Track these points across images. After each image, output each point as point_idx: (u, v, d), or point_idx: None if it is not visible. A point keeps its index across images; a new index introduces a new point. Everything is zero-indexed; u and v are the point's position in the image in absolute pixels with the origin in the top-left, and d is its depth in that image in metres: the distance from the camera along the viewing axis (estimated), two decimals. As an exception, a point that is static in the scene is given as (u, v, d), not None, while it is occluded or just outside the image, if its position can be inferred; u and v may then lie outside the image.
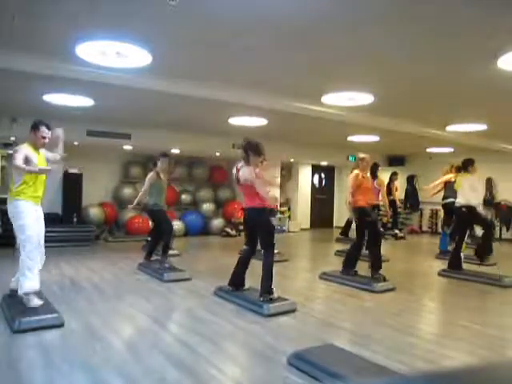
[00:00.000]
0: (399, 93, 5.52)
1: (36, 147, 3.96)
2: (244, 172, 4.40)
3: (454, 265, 6.16)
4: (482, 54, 3.86)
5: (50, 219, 4.85)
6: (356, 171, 5.77)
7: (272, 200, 4.58)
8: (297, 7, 2.98)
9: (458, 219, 6.40)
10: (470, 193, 6.13)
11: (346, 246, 8.25)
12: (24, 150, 3.83)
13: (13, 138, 7.67)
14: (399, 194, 10.76)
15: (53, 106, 6.14)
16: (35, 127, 3.92)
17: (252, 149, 4.45)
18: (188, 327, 3.79)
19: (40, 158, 3.98)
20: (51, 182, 8.22)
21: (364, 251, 6.17)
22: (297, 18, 3.17)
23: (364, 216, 5.65)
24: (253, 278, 4.66)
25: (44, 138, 3.93)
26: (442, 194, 7.99)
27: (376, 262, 5.54)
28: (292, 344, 3.29)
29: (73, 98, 5.75)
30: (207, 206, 10.89)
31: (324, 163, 12.58)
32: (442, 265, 6.76)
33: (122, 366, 2.87)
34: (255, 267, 4.61)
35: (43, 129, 3.92)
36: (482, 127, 7.47)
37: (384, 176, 12.98)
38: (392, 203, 10.33)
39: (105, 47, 3.85)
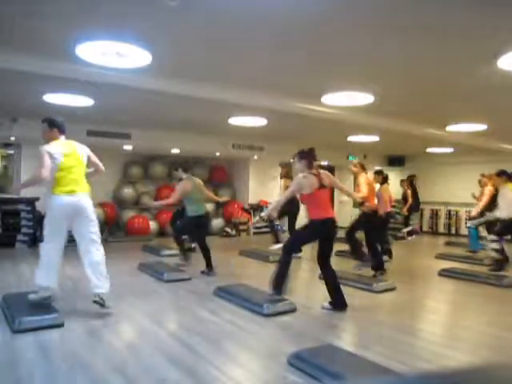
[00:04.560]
0: (399, 93, 5.52)
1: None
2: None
3: None
4: (482, 54, 3.86)
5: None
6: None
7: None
8: (297, 7, 2.98)
9: None
10: None
11: (346, 247, 8.25)
12: None
13: (13, 138, 7.68)
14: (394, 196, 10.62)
15: (53, 105, 6.13)
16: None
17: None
18: (188, 327, 3.79)
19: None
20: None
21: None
22: (297, 18, 3.17)
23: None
24: (253, 277, 4.66)
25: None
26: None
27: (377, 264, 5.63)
28: (292, 344, 3.29)
29: (73, 97, 5.75)
30: (207, 206, 10.87)
31: (324, 163, 12.58)
32: (442, 265, 6.77)
33: (121, 366, 2.87)
34: (257, 267, 4.60)
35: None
36: (482, 127, 7.47)
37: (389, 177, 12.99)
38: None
39: (105, 47, 3.85)
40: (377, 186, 6.71)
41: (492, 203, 7.30)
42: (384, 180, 6.88)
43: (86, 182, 4.10)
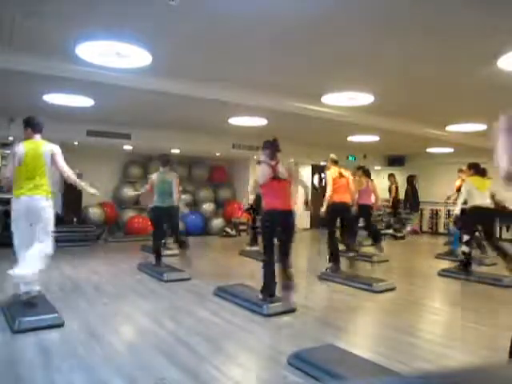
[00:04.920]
0: (399, 93, 5.52)
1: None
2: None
3: None
4: (482, 54, 3.86)
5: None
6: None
7: None
8: (297, 7, 2.98)
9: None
10: None
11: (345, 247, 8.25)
12: None
13: (11, 138, 7.67)
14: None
15: (53, 106, 6.14)
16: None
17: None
18: (188, 327, 3.78)
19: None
20: (51, 181, 8.23)
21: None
22: (297, 19, 3.17)
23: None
24: (253, 277, 4.66)
25: None
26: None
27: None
28: (292, 344, 3.29)
29: (73, 97, 5.75)
30: (207, 206, 10.89)
31: (324, 163, 12.58)
32: (442, 265, 6.77)
33: (122, 366, 2.87)
34: (257, 267, 4.60)
35: None
36: (482, 127, 7.47)
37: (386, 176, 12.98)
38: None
39: (105, 47, 3.85)
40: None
41: None
42: (364, 174, 7.36)
43: (47, 182, 3.97)
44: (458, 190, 7.23)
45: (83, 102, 5.95)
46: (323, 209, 5.85)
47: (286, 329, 3.84)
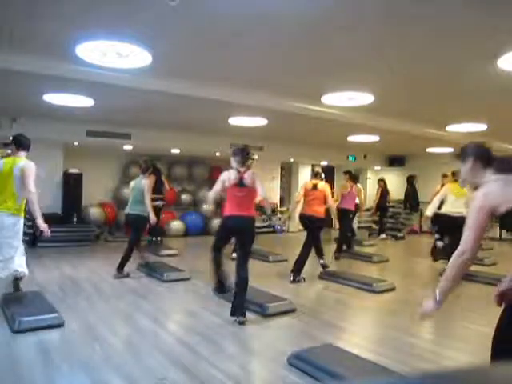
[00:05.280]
0: (399, 93, 5.52)
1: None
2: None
3: None
4: (482, 54, 3.86)
5: (50, 219, 4.85)
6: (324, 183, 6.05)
7: None
8: (297, 7, 2.98)
9: None
10: None
11: (345, 247, 8.26)
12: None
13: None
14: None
15: (53, 106, 6.13)
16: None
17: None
18: (188, 327, 3.79)
19: None
20: (51, 181, 8.24)
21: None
22: (297, 18, 3.16)
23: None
24: (253, 277, 4.65)
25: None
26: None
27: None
28: (292, 344, 3.29)
29: (73, 97, 5.75)
30: (207, 206, 10.88)
31: (324, 163, 12.58)
32: (442, 264, 6.76)
33: (121, 366, 2.87)
34: (257, 267, 4.60)
35: None
36: (482, 127, 7.47)
37: (388, 177, 12.98)
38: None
39: (105, 47, 3.85)
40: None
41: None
42: (350, 178, 7.79)
43: (13, 199, 4.10)
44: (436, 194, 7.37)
45: (83, 101, 5.95)
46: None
47: (286, 329, 3.84)
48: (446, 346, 3.47)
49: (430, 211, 6.24)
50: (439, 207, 6.46)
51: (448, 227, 6.09)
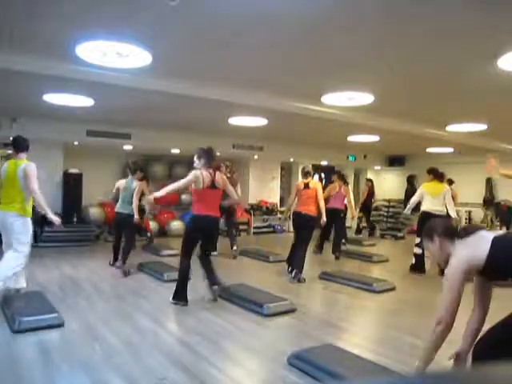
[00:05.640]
0: (399, 93, 5.52)
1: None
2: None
3: None
4: (482, 54, 3.86)
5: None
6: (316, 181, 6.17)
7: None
8: (297, 7, 2.98)
9: None
10: None
11: (345, 247, 8.26)
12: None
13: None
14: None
15: (53, 105, 6.13)
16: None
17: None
18: (188, 327, 3.79)
19: None
20: (51, 181, 8.24)
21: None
22: (297, 18, 3.16)
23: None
24: (253, 277, 4.66)
25: None
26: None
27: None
28: (292, 344, 3.29)
29: (73, 97, 5.75)
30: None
31: (324, 163, 12.59)
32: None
33: (121, 366, 2.87)
34: (257, 267, 4.60)
35: None
36: (482, 127, 7.47)
37: (388, 177, 12.97)
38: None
39: (105, 47, 3.85)
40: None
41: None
42: (339, 178, 8.00)
43: (20, 200, 4.20)
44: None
45: (83, 101, 5.95)
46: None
47: (286, 329, 3.84)
48: (446, 346, 3.46)
49: (406, 210, 6.64)
50: (417, 207, 6.59)
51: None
